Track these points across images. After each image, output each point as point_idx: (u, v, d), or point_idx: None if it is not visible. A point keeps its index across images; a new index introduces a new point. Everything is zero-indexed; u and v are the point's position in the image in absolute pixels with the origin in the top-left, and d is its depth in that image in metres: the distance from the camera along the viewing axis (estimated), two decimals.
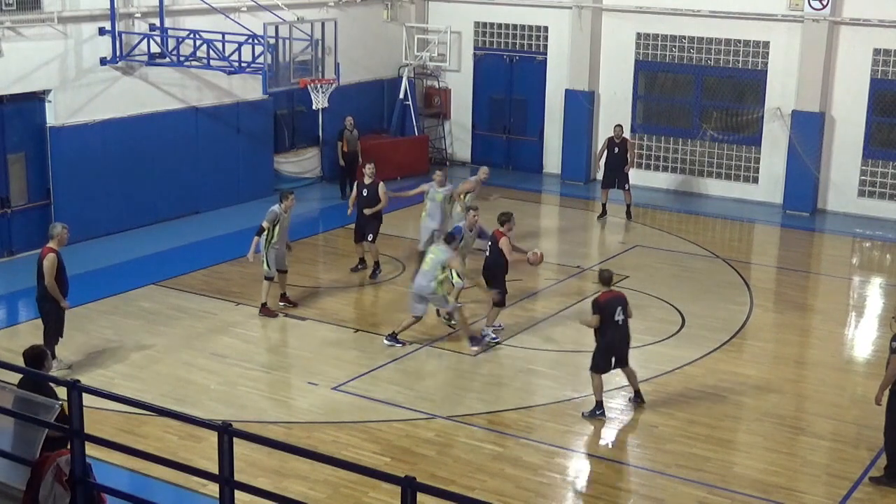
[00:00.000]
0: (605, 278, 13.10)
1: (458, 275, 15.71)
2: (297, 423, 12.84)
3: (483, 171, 19.16)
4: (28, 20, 18.17)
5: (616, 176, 21.94)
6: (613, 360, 13.10)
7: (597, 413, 13.14)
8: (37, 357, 9.53)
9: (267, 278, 16.16)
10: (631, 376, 13.40)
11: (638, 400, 13.46)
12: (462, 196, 18.38)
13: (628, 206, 22.01)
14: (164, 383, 13.83)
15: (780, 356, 15.42)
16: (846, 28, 22.38)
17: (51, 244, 13.79)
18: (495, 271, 15.33)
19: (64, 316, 13.96)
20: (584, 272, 18.73)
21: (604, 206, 22.21)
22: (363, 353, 14.97)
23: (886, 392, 11.63)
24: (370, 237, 17.89)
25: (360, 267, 18.20)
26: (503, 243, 15.12)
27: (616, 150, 21.84)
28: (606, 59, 25.05)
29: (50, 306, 13.78)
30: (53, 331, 13.91)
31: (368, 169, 18.08)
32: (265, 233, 15.94)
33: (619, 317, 12.96)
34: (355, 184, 18.49)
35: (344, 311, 16.72)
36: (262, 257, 16.03)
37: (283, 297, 16.54)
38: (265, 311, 16.19)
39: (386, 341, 15.17)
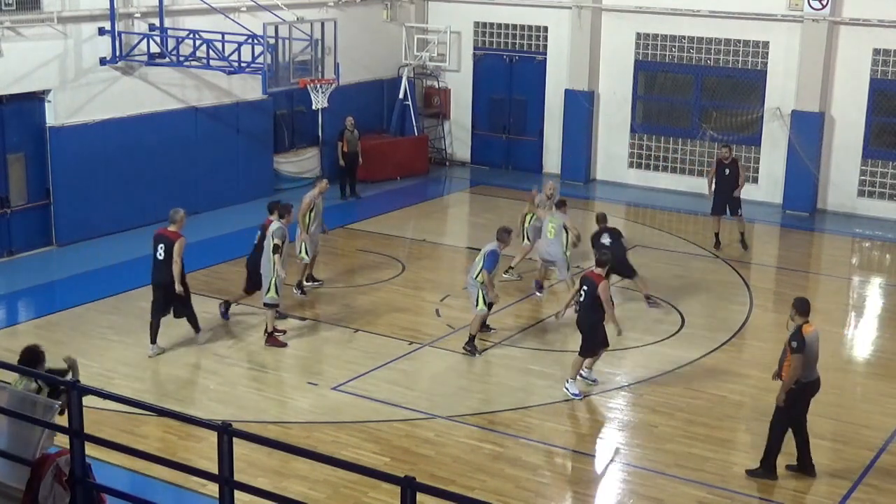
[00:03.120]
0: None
1: (484, 299, 14.85)
2: (297, 423, 12.84)
3: (548, 187, 18.18)
4: (28, 20, 18.17)
5: (727, 200, 20.03)
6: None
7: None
8: (33, 357, 9.41)
9: (272, 306, 15.05)
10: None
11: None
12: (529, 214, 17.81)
13: (742, 234, 20.08)
14: (164, 383, 13.82)
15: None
16: (846, 28, 22.39)
17: (172, 228, 14.50)
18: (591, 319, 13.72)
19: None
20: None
21: (717, 235, 20.27)
22: (363, 353, 14.96)
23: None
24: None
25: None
26: (601, 288, 13.53)
27: (727, 171, 19.99)
28: (606, 59, 25.06)
29: (170, 285, 14.48)
30: (160, 308, 14.69)
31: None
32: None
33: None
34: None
35: (344, 311, 16.71)
36: (270, 282, 14.93)
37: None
38: (273, 340, 15.09)
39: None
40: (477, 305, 14.90)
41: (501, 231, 15.06)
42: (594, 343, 13.64)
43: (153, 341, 14.69)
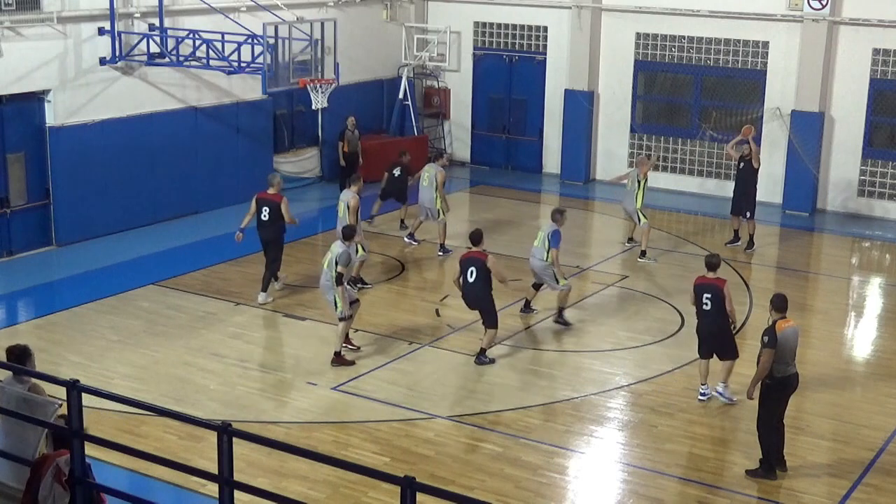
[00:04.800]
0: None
1: (560, 277, 16.05)
2: (297, 423, 12.84)
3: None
4: (28, 20, 18.16)
5: (742, 200, 19.97)
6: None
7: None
8: (21, 356, 9.25)
9: (344, 319, 14.50)
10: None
11: None
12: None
13: (751, 236, 20.10)
14: (164, 383, 13.82)
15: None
16: (846, 28, 22.38)
17: (272, 191, 16.62)
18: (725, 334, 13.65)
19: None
20: (584, 272, 18.74)
21: (735, 231, 20.36)
22: (363, 353, 14.95)
23: (758, 386, 11.67)
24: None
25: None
26: (727, 291, 13.46)
27: (741, 164, 19.95)
28: (606, 59, 25.06)
29: (274, 240, 16.62)
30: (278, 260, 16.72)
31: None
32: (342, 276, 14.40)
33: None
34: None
35: None
36: (335, 297, 14.40)
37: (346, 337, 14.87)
38: (339, 360, 14.48)
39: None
40: (559, 283, 15.96)
41: (555, 213, 16.32)
42: (734, 345, 13.62)
43: (264, 290, 16.59)
